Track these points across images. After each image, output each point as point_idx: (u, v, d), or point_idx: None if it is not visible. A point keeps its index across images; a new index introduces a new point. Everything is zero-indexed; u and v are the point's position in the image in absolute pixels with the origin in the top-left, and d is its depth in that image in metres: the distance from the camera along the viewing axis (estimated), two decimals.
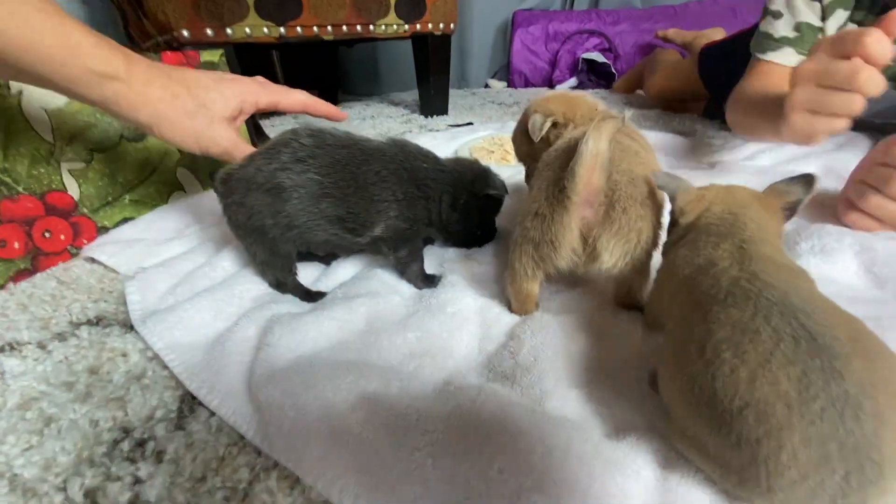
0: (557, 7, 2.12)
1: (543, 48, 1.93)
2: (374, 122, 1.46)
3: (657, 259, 0.39)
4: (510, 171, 0.77)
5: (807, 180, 0.35)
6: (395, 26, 1.26)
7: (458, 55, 2.11)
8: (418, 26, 1.30)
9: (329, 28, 1.17)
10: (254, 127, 0.66)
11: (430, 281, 0.49)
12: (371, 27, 1.23)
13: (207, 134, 0.47)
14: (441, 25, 1.33)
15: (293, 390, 0.31)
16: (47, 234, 0.57)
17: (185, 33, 1.02)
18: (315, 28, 1.16)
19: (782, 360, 0.22)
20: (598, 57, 1.76)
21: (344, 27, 1.19)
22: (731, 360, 0.23)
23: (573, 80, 1.83)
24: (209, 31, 1.04)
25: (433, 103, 1.50)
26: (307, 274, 0.52)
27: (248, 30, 1.08)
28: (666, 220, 0.40)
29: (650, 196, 0.38)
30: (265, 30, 1.09)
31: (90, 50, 0.39)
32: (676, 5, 1.84)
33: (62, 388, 0.37)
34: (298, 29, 1.13)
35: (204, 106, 0.46)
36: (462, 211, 0.50)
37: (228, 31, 1.06)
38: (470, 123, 1.31)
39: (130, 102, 0.42)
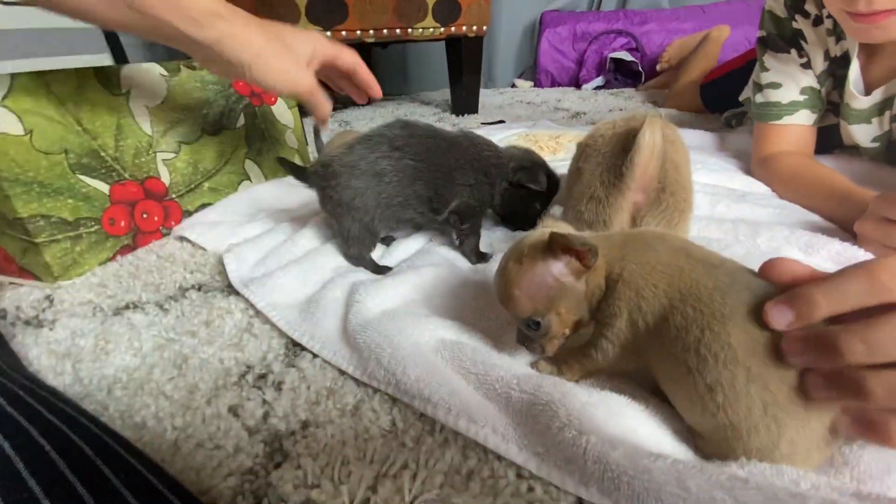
0: (585, 8, 2.17)
1: (570, 48, 1.97)
2: None
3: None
4: None
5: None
6: (431, 29, 1.33)
7: (485, 55, 2.17)
8: (453, 29, 1.37)
9: (371, 32, 1.25)
10: (313, 130, 0.74)
11: (482, 257, 0.56)
12: (409, 30, 1.30)
13: (294, 73, 0.52)
14: (475, 28, 1.39)
15: (387, 333, 0.38)
16: (145, 216, 0.66)
17: None
18: (358, 32, 1.23)
19: None
20: (625, 56, 1.80)
21: (385, 31, 1.26)
22: None
23: (600, 80, 1.87)
24: None
25: (464, 102, 1.56)
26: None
27: None
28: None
29: (688, 185, 0.44)
30: None
31: None
32: (704, 5, 1.86)
33: (187, 336, 0.45)
34: (343, 33, 1.21)
35: (290, 47, 0.52)
36: (508, 196, 0.56)
37: None
38: (501, 121, 1.37)
39: (235, 41, 0.48)
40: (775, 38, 0.72)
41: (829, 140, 0.76)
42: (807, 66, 0.71)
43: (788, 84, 0.72)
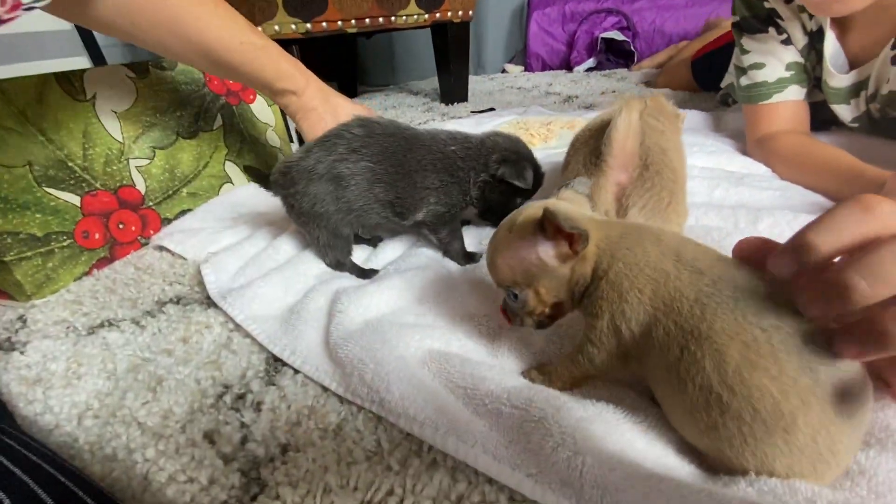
0: None
1: (560, 29, 1.92)
2: (396, 112, 1.49)
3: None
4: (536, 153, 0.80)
5: (585, 184, 0.36)
6: (415, 16, 1.29)
7: (474, 41, 2.12)
8: (438, 15, 1.32)
9: (352, 21, 1.21)
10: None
11: (470, 258, 0.53)
12: (392, 18, 1.26)
13: None
14: (460, 13, 1.35)
15: (370, 346, 0.36)
16: (121, 226, 0.63)
17: None
18: (339, 22, 1.19)
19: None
20: (616, 35, 1.75)
21: (367, 20, 1.22)
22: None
23: (591, 61, 1.83)
24: None
25: (453, 91, 1.52)
26: (357, 255, 0.57)
27: (276, 27, 1.12)
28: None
29: (678, 168, 0.42)
30: (293, 27, 1.13)
31: (288, 76, 0.61)
32: None
33: (163, 355, 0.43)
34: (324, 24, 1.17)
35: (337, 119, 0.63)
36: (488, 189, 0.51)
37: (259, 28, 1.10)
38: (492, 109, 1.33)
39: (296, 108, 0.63)
40: (750, 20, 0.71)
41: (822, 116, 0.74)
42: (787, 42, 0.69)
43: (772, 62, 0.70)
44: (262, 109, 0.85)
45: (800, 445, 0.23)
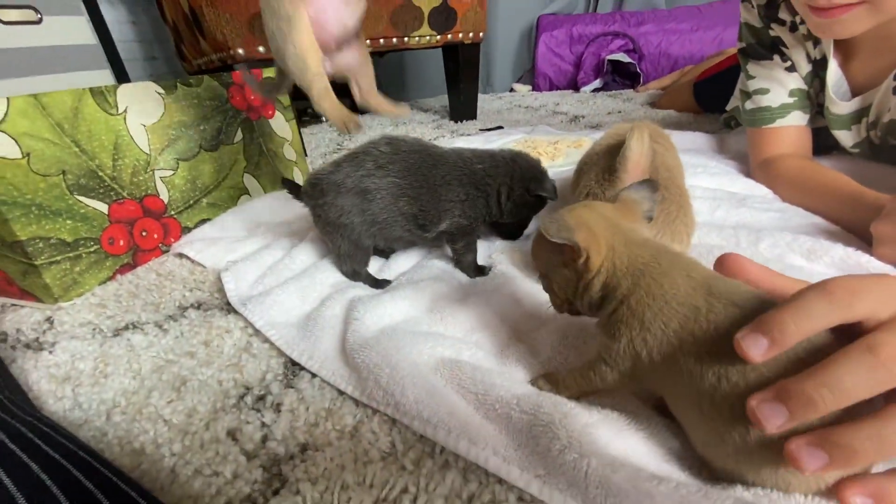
0: (581, 10, 2.17)
1: (568, 51, 1.97)
2: (407, 128, 1.53)
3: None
4: None
5: (651, 186, 0.34)
6: (428, 37, 1.33)
7: (483, 61, 2.17)
8: (449, 36, 1.37)
9: (367, 41, 1.25)
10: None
11: (481, 271, 0.55)
12: (406, 39, 1.30)
13: None
14: (471, 34, 1.40)
15: (386, 352, 0.38)
16: (144, 234, 0.66)
17: (241, 51, 1.11)
18: None
19: None
20: (622, 57, 1.79)
21: (381, 40, 1.27)
22: None
23: (598, 82, 1.87)
24: (261, 49, 1.13)
25: (462, 109, 1.56)
26: (370, 267, 0.59)
27: None
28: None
29: (681, 184, 0.45)
30: None
31: None
32: (701, 5, 1.86)
33: (186, 357, 0.45)
34: None
35: None
36: (515, 205, 0.54)
37: None
38: (500, 127, 1.36)
39: None
40: (755, 47, 0.73)
41: (824, 141, 0.76)
42: (791, 69, 0.71)
43: (776, 88, 0.72)
44: (280, 125, 0.89)
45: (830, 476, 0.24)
